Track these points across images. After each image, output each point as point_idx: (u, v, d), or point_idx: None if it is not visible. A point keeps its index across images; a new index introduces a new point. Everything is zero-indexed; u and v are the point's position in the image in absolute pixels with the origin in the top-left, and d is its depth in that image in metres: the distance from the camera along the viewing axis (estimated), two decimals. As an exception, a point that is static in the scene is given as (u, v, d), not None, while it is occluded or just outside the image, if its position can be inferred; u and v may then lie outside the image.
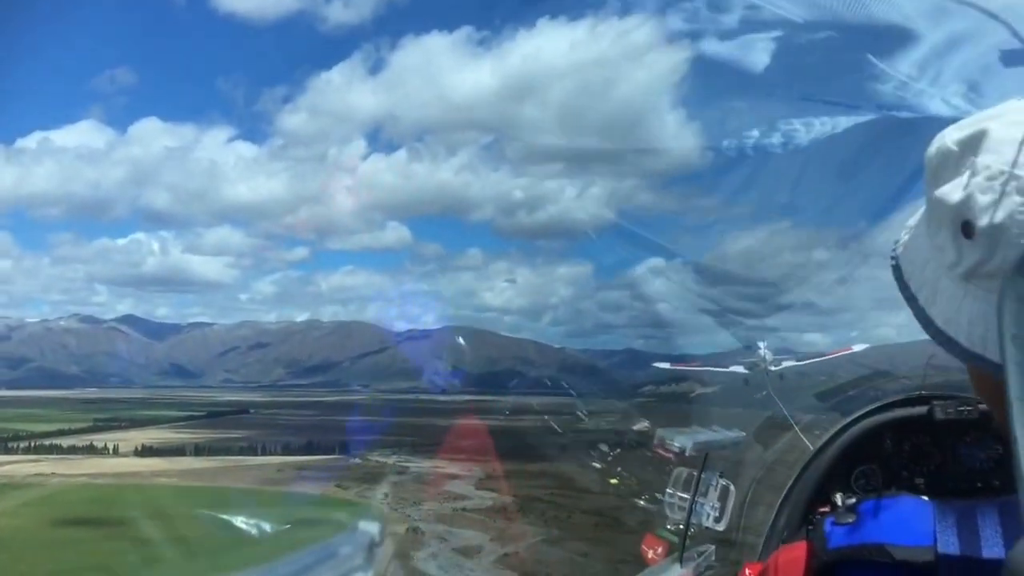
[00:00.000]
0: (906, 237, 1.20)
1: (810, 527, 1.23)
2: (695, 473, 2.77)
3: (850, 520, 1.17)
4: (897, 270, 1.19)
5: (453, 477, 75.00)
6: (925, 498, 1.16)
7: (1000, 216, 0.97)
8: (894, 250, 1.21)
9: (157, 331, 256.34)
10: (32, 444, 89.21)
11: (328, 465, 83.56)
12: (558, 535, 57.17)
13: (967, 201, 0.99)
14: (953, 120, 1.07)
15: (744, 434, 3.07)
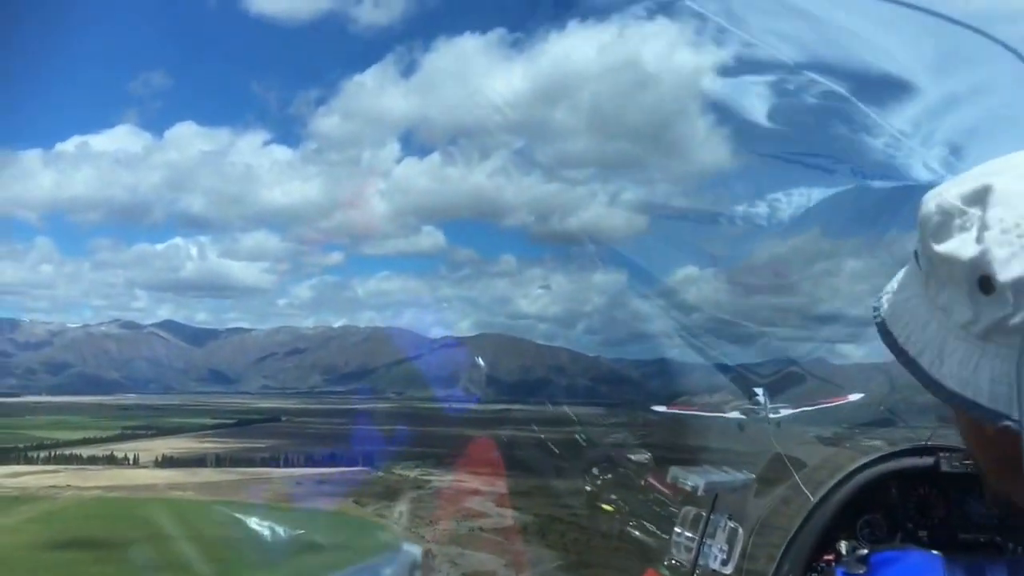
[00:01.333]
0: (889, 299, 1.21)
1: (815, 575, 1.38)
2: (703, 513, 2.83)
3: (861, 572, 1.21)
4: (887, 335, 1.19)
5: (474, 493, 72.77)
6: (935, 552, 1.21)
7: (1020, 269, 0.97)
8: (877, 314, 1.22)
9: (196, 336, 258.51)
10: (53, 454, 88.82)
11: (349, 478, 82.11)
12: (575, 561, 54.71)
13: (984, 256, 0.98)
14: (931, 184, 1.10)
15: (754, 476, 3.10)
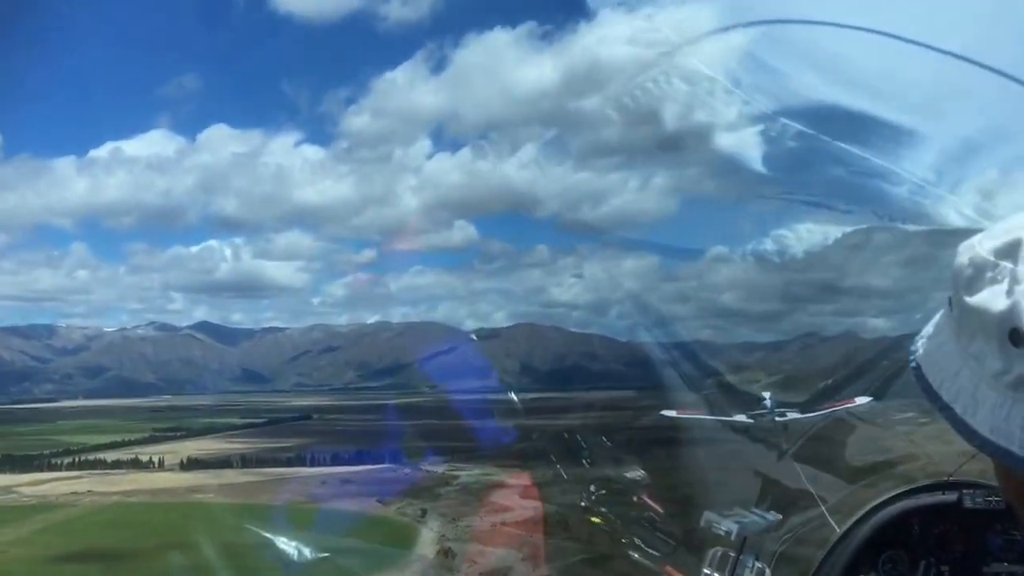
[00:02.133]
0: (924, 344, 1.23)
1: None
2: (731, 554, 2.76)
3: None
4: (922, 379, 1.21)
5: (500, 486, 71.11)
6: None
7: None
8: (913, 358, 1.24)
9: (231, 337, 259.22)
10: (78, 459, 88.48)
11: (374, 477, 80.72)
12: (600, 553, 52.53)
13: (1014, 309, 1.00)
14: (967, 229, 1.14)
15: (781, 516, 2.99)
